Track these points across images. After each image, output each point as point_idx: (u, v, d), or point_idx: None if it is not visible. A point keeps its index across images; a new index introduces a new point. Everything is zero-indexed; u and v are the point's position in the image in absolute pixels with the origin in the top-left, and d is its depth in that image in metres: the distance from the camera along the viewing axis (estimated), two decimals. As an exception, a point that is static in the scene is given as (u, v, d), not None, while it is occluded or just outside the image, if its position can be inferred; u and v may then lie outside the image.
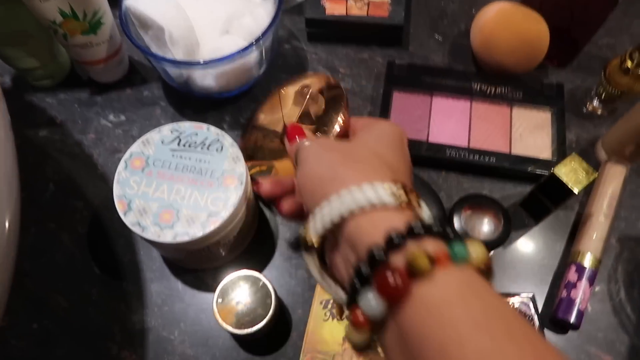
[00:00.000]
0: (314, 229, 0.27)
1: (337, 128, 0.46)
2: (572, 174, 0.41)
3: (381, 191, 0.25)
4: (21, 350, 0.43)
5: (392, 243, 0.23)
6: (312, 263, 0.30)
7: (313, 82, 0.50)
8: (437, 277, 0.22)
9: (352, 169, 0.28)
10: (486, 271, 0.24)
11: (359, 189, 0.26)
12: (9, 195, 0.34)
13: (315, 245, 0.27)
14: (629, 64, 0.47)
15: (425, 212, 0.26)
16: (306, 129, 0.35)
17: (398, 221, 0.24)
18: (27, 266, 0.46)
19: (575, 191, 0.41)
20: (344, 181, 0.27)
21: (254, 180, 0.43)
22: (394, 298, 0.22)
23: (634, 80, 0.47)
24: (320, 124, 0.48)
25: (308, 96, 0.48)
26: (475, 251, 0.23)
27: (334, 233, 0.27)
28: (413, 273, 0.22)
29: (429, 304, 0.22)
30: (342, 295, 0.27)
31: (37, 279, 0.46)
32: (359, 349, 0.25)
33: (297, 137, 0.35)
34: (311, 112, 0.48)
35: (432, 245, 0.23)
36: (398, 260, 0.23)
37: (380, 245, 0.24)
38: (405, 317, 0.22)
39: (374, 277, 0.23)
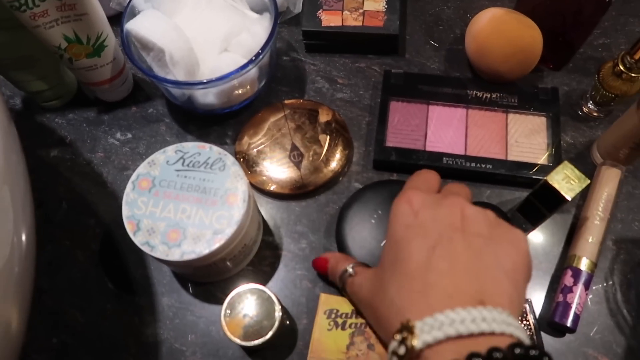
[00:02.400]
0: (422, 338, 0.26)
1: (334, 165, 0.49)
2: (564, 181, 0.42)
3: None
4: (42, 364, 0.45)
5: None
6: None
7: (322, 112, 0.52)
8: None
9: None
10: None
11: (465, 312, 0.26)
12: (23, 215, 0.35)
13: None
14: (621, 67, 0.47)
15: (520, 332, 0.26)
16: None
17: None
18: (44, 283, 0.48)
19: (568, 198, 0.42)
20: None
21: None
22: None
23: (627, 83, 0.48)
24: (318, 148, 0.50)
25: (317, 123, 0.51)
26: None
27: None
28: None
29: None
30: None
31: (54, 296, 0.48)
32: None
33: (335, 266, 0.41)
34: (320, 138, 0.50)
35: None
36: None
37: None
38: None
39: None
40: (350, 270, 0.38)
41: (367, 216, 0.46)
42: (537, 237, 0.49)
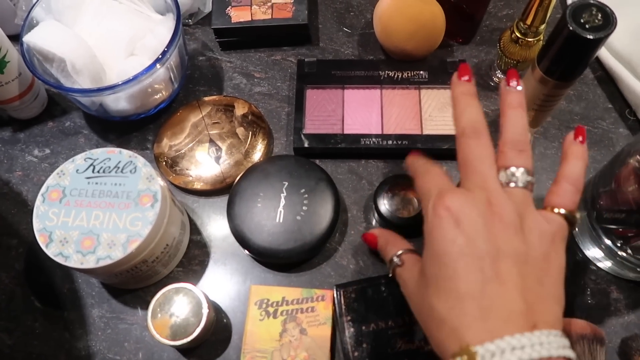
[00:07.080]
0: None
1: (256, 157, 0.50)
2: None
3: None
4: (-29, 393, 0.44)
5: None
6: None
7: (238, 105, 0.52)
8: None
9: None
10: None
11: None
12: None
13: None
14: (517, 34, 0.49)
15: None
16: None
17: None
18: (-32, 310, 0.47)
19: None
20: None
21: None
22: None
23: (525, 48, 0.50)
24: (237, 141, 0.50)
25: (234, 118, 0.51)
26: None
27: None
28: None
29: None
30: None
31: (-21, 322, 0.47)
32: None
33: None
34: (237, 132, 0.50)
35: None
36: None
37: None
38: None
39: None
40: (396, 260, 0.36)
41: (252, 204, 0.47)
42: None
